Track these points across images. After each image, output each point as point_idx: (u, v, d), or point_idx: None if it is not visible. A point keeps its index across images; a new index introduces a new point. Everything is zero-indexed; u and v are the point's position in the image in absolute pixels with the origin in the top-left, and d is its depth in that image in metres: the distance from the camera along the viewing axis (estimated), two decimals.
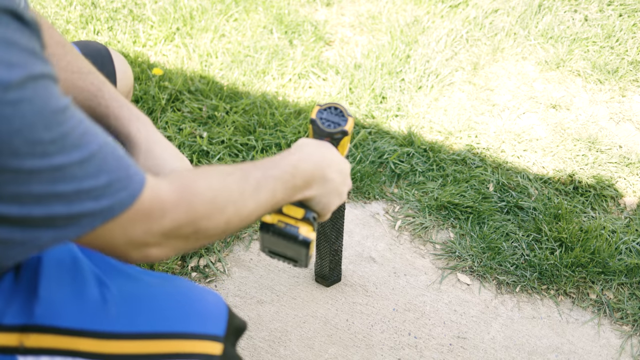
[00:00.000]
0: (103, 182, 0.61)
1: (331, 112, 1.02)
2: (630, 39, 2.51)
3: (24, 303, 0.77)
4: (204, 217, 0.71)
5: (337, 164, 0.92)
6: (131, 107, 0.98)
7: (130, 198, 0.64)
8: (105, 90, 0.97)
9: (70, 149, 0.58)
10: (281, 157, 0.84)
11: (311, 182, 0.87)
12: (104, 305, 0.80)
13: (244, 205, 0.76)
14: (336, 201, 0.93)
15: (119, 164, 0.63)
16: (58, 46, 0.97)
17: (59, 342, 0.77)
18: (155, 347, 0.80)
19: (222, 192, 0.73)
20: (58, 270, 0.80)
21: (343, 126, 1.00)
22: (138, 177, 0.65)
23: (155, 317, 0.81)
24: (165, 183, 0.69)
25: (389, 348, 1.52)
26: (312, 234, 0.90)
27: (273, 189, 0.79)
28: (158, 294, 0.84)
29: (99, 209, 0.61)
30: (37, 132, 0.55)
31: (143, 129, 0.97)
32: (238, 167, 0.78)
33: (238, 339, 0.93)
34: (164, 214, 0.68)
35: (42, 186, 0.57)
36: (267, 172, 0.79)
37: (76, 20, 2.41)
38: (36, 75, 0.56)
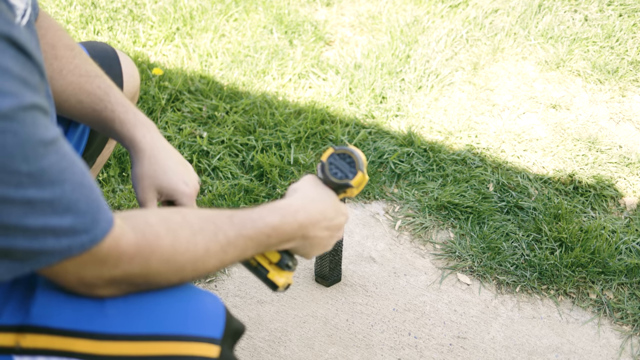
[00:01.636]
0: (68, 223, 0.61)
1: (344, 159, 0.96)
2: (630, 39, 2.51)
3: (20, 303, 0.77)
4: (157, 274, 0.72)
5: (328, 220, 0.90)
6: (137, 112, 0.98)
7: (90, 243, 0.64)
8: (112, 94, 0.97)
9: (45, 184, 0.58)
10: (262, 214, 0.82)
11: (289, 240, 0.86)
12: (101, 306, 0.79)
13: (204, 265, 0.76)
14: (317, 252, 0.92)
15: (88, 207, 0.63)
16: (66, 49, 0.97)
17: (55, 342, 0.77)
18: (151, 349, 0.80)
19: (184, 252, 0.73)
20: None
21: (349, 179, 0.94)
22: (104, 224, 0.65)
23: (152, 319, 0.81)
24: (129, 232, 0.69)
25: (389, 348, 1.52)
26: (282, 279, 0.89)
27: (243, 247, 0.79)
28: (155, 295, 0.84)
29: (58, 249, 0.62)
30: (15, 163, 0.55)
31: (148, 134, 0.97)
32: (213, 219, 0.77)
33: (236, 342, 0.93)
34: (118, 264, 0.69)
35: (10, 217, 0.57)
36: (241, 231, 0.79)
37: (76, 20, 2.41)
38: (26, 106, 0.56)
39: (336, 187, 0.95)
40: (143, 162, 0.97)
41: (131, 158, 0.99)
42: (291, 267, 0.91)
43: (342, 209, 0.94)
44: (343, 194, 0.97)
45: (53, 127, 0.60)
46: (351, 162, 0.95)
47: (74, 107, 0.97)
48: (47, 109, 0.60)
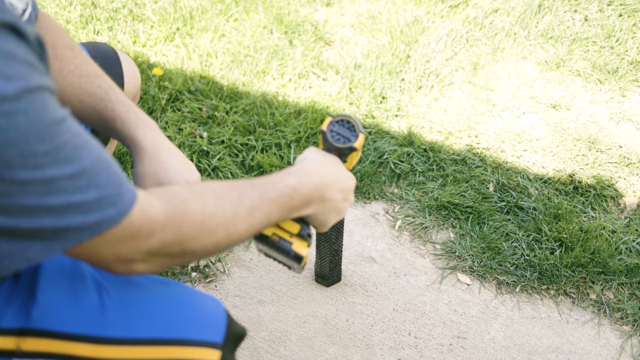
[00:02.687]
0: (92, 197, 0.61)
1: (343, 125, 0.99)
2: (630, 39, 2.51)
3: (22, 306, 0.77)
4: (192, 238, 0.72)
5: (341, 182, 0.91)
6: (138, 111, 0.98)
7: (118, 216, 0.64)
8: (112, 94, 0.97)
9: (63, 162, 0.58)
10: (280, 177, 0.83)
11: (309, 203, 0.87)
12: (102, 310, 0.79)
13: (235, 228, 0.76)
14: (334, 218, 0.93)
15: (110, 180, 0.63)
16: (67, 49, 0.97)
17: (56, 346, 0.77)
18: (152, 353, 0.80)
19: (214, 215, 0.73)
20: (57, 274, 0.80)
21: (352, 142, 0.97)
22: (129, 196, 0.65)
23: (153, 323, 0.81)
24: (156, 201, 0.69)
25: (389, 348, 1.52)
26: (305, 250, 0.90)
27: (268, 211, 0.80)
28: (157, 300, 0.84)
29: (87, 224, 0.62)
30: (30, 144, 0.55)
31: (149, 133, 0.97)
32: (234, 186, 0.78)
33: (237, 346, 0.93)
34: (151, 233, 0.68)
35: (32, 198, 0.57)
36: (263, 194, 0.79)
37: (76, 20, 2.41)
38: (33, 88, 0.56)
39: (340, 152, 0.97)
40: (144, 161, 0.97)
41: (133, 157, 0.99)
42: (311, 237, 0.92)
43: (349, 173, 0.96)
44: (345, 161, 0.99)
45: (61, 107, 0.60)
46: (351, 127, 0.98)
47: (74, 107, 0.97)
48: (54, 90, 0.61)
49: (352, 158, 1.00)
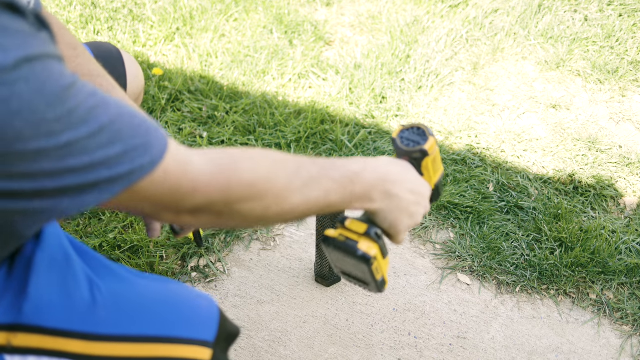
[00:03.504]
0: (118, 150, 0.60)
1: (413, 131, 0.96)
2: (630, 39, 2.51)
3: (13, 301, 0.77)
4: (240, 199, 0.70)
5: (410, 183, 0.87)
6: None
7: (150, 164, 0.62)
8: (114, 93, 0.97)
9: (78, 124, 0.57)
10: (344, 161, 0.81)
11: (372, 194, 0.82)
12: (94, 307, 0.79)
13: (288, 198, 0.73)
14: (406, 221, 0.88)
15: (135, 132, 0.62)
16: (69, 48, 0.97)
17: (46, 342, 0.76)
18: (143, 351, 0.80)
19: (265, 179, 0.71)
20: (49, 270, 0.80)
21: (422, 145, 0.93)
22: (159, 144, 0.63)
23: (145, 320, 0.81)
24: (200, 158, 0.67)
25: (389, 348, 1.52)
26: (374, 251, 0.85)
27: (327, 189, 0.77)
28: (149, 297, 0.84)
29: (117, 175, 0.60)
30: (38, 111, 0.54)
31: None
32: (294, 158, 0.76)
33: (230, 345, 0.93)
34: (195, 189, 0.66)
35: (52, 163, 0.56)
36: (323, 171, 0.77)
37: (76, 20, 2.41)
38: (33, 56, 0.55)
39: (410, 157, 0.93)
40: None
41: None
42: (381, 238, 0.87)
43: (423, 181, 0.91)
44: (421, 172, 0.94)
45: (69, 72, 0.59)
46: (421, 132, 0.95)
47: None
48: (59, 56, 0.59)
49: (427, 167, 0.94)
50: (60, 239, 0.84)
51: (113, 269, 0.86)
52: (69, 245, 0.85)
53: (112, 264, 0.87)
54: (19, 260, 0.80)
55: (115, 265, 0.87)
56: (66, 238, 0.86)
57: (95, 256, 0.87)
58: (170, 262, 1.64)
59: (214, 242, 1.70)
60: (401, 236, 0.90)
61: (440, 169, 0.98)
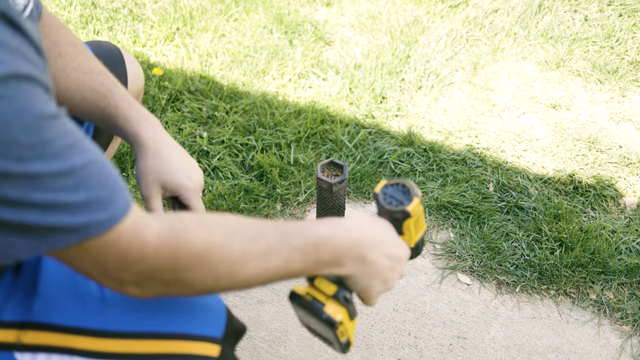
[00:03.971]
0: (81, 199, 0.58)
1: (397, 188, 0.90)
2: (630, 39, 2.51)
3: (22, 299, 0.77)
4: (188, 269, 0.68)
5: (386, 247, 0.82)
6: (140, 109, 0.98)
7: (108, 222, 0.61)
8: (116, 91, 0.97)
9: (50, 158, 0.56)
10: (311, 225, 0.77)
11: (342, 260, 0.78)
12: (103, 303, 0.80)
13: (242, 268, 0.70)
14: (378, 286, 0.84)
15: (103, 183, 0.60)
16: (70, 46, 0.97)
17: (56, 339, 0.77)
18: (152, 347, 0.80)
19: (219, 249, 0.68)
20: (58, 267, 0.80)
21: (405, 205, 0.87)
22: (122, 203, 0.62)
23: (154, 317, 0.81)
24: (155, 224, 0.66)
25: (389, 348, 1.52)
26: (340, 316, 0.81)
27: (287, 258, 0.73)
28: (162, 298, 0.84)
29: (74, 225, 0.59)
30: (13, 133, 0.53)
31: (151, 130, 0.97)
32: (253, 225, 0.73)
33: (237, 342, 0.93)
34: (142, 255, 0.65)
35: (15, 191, 0.55)
36: (285, 239, 0.73)
37: (76, 20, 2.41)
38: (22, 75, 0.54)
39: (392, 216, 0.88)
40: (147, 158, 0.97)
41: (135, 154, 0.99)
42: (349, 302, 0.83)
43: (401, 242, 0.86)
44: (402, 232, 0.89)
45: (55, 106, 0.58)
46: (406, 191, 0.90)
47: (78, 104, 0.97)
48: (49, 87, 0.58)
49: (408, 228, 0.89)
50: None
51: None
52: None
53: None
54: (28, 260, 0.80)
55: None
56: None
57: None
58: None
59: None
60: (373, 300, 0.86)
61: (422, 227, 0.93)
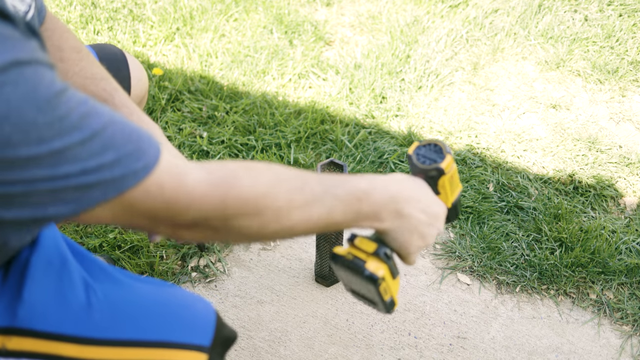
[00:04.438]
0: (110, 158, 0.59)
1: (430, 148, 0.92)
2: (630, 39, 2.51)
3: (8, 305, 0.77)
4: (236, 215, 0.68)
5: (423, 202, 0.83)
6: (141, 115, 0.98)
7: (143, 170, 0.61)
8: (117, 96, 0.97)
9: (70, 131, 0.56)
10: (352, 178, 0.78)
11: (381, 214, 0.79)
12: (89, 310, 0.79)
13: (287, 215, 0.71)
14: (417, 242, 0.85)
15: (128, 139, 0.61)
16: (73, 51, 0.97)
17: (40, 346, 0.76)
18: (137, 355, 0.79)
19: (264, 195, 0.69)
20: (45, 273, 0.80)
21: (438, 163, 0.88)
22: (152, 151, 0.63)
23: (140, 325, 0.80)
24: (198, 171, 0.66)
25: (389, 348, 1.52)
26: (381, 272, 0.82)
27: (330, 207, 0.74)
28: (145, 301, 0.83)
29: (110, 178, 0.59)
30: (27, 116, 0.53)
31: None
32: (300, 174, 0.74)
33: (227, 350, 0.92)
34: (190, 203, 0.65)
35: (44, 170, 0.55)
36: (329, 189, 0.74)
37: (76, 20, 2.41)
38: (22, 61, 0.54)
39: (426, 175, 0.90)
40: None
41: None
42: (390, 258, 0.85)
43: (438, 200, 0.87)
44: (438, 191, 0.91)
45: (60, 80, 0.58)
46: (438, 150, 0.91)
47: None
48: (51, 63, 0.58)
49: (443, 186, 0.91)
50: (57, 241, 0.84)
51: (110, 272, 0.85)
52: (65, 248, 0.84)
53: (109, 267, 0.87)
54: (15, 264, 0.80)
55: (112, 269, 0.87)
56: (63, 240, 0.86)
57: (93, 259, 0.86)
58: (170, 262, 1.64)
59: (214, 242, 1.70)
60: (412, 257, 0.87)
61: (458, 187, 0.94)
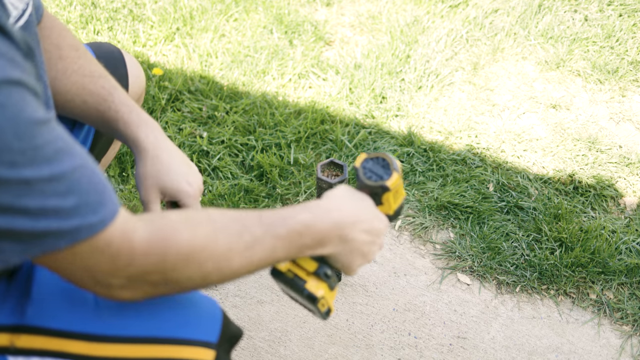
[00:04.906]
0: (71, 203, 0.59)
1: (377, 162, 0.92)
2: (630, 39, 2.51)
3: (16, 303, 0.77)
4: (175, 269, 0.69)
5: (366, 223, 0.84)
6: (140, 112, 0.98)
7: (100, 224, 0.62)
8: (116, 94, 0.97)
9: (41, 163, 0.56)
10: (294, 212, 0.78)
11: (324, 242, 0.80)
12: (97, 308, 0.79)
13: (228, 263, 0.72)
14: (358, 261, 0.86)
15: (93, 188, 0.61)
16: (71, 49, 0.97)
17: (49, 343, 0.77)
18: (146, 352, 0.80)
19: (203, 248, 0.70)
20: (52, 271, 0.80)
21: (384, 180, 0.88)
22: (111, 206, 0.63)
23: (148, 322, 0.81)
24: (142, 226, 0.67)
25: (389, 348, 1.52)
26: (321, 292, 0.84)
27: (272, 248, 0.75)
28: (152, 298, 0.84)
29: (65, 229, 0.60)
30: (5, 139, 0.53)
31: (151, 134, 0.97)
32: (238, 219, 0.74)
33: (233, 347, 0.93)
34: (132, 258, 0.66)
35: (7, 198, 0.55)
36: (269, 230, 0.74)
37: (76, 20, 2.41)
38: (12, 80, 0.54)
39: (372, 192, 0.90)
40: (146, 162, 0.97)
41: (135, 158, 0.99)
42: (330, 277, 0.85)
43: (380, 215, 0.88)
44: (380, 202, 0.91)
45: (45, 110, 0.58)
46: (385, 165, 0.91)
47: (78, 107, 0.97)
48: (39, 93, 0.58)
49: (388, 200, 0.91)
50: None
51: None
52: None
53: None
54: (22, 263, 0.80)
55: None
56: None
57: None
58: None
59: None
60: (353, 272, 0.88)
61: (401, 196, 0.94)
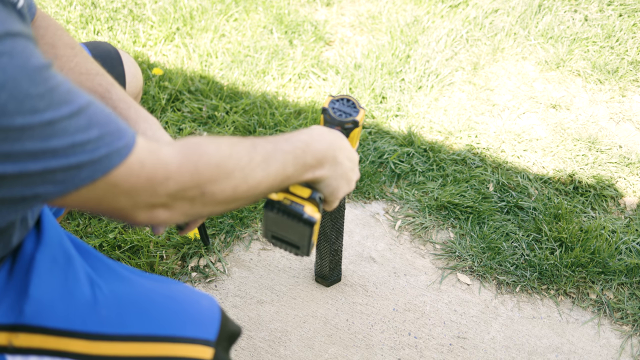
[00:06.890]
0: (95, 134, 0.61)
1: (343, 103, 1.04)
2: (630, 39, 2.51)
3: (14, 302, 0.77)
4: (210, 180, 0.72)
5: (347, 150, 0.91)
6: (139, 109, 0.98)
7: (126, 148, 0.64)
8: (113, 91, 0.97)
9: (59, 103, 0.58)
10: (292, 134, 0.84)
11: (323, 162, 0.86)
12: (95, 306, 0.79)
13: (252, 173, 0.75)
14: (344, 188, 0.92)
15: (108, 118, 0.64)
16: (67, 48, 0.97)
17: (47, 342, 0.77)
18: (145, 350, 0.80)
19: (229, 157, 0.73)
20: (50, 270, 0.80)
21: (354, 116, 1.02)
22: (130, 131, 0.66)
23: (146, 320, 0.81)
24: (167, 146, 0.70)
25: (389, 348, 1.52)
26: (317, 215, 0.90)
27: (283, 161, 0.79)
28: (150, 296, 0.84)
29: (97, 158, 0.62)
30: (22, 87, 0.55)
31: (150, 130, 0.97)
32: (247, 138, 0.79)
33: (232, 345, 0.93)
34: (168, 176, 0.68)
35: (35, 143, 0.57)
36: (277, 146, 0.79)
37: (76, 20, 2.41)
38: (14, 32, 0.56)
39: (342, 127, 1.01)
40: None
41: None
42: (322, 202, 0.92)
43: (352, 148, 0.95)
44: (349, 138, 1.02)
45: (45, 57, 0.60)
46: (351, 104, 1.04)
47: None
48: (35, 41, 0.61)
49: (353, 137, 1.03)
50: (61, 238, 0.84)
51: (114, 268, 0.86)
52: (70, 245, 0.85)
53: (114, 263, 0.87)
54: (20, 261, 0.80)
55: (116, 265, 0.87)
56: (67, 237, 0.86)
57: (97, 255, 0.87)
58: (170, 262, 1.64)
59: (214, 242, 1.70)
60: (336, 203, 0.94)
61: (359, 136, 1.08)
